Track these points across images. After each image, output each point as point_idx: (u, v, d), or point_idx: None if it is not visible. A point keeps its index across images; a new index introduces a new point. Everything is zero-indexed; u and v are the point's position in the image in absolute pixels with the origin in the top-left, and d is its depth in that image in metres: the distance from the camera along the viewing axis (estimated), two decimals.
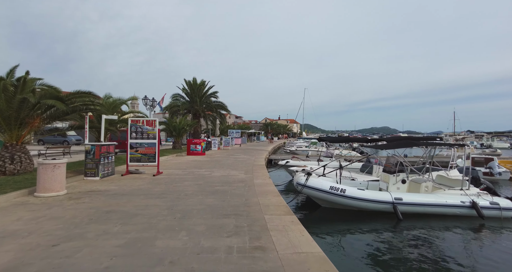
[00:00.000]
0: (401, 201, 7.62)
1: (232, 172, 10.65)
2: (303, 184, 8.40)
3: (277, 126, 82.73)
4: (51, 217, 4.62)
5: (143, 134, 9.83)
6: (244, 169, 11.45)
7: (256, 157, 17.58)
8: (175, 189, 7.27)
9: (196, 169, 11.49)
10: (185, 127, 21.68)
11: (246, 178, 9.21)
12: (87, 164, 8.40)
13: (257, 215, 4.95)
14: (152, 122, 9.86)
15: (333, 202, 8.29)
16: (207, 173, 10.20)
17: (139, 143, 9.81)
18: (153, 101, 18.69)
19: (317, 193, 8.31)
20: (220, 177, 9.38)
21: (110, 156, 9.14)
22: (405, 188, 8.40)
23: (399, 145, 8.40)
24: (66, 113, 8.15)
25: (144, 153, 9.82)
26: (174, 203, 5.74)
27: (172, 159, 15.82)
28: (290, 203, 9.40)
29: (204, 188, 7.37)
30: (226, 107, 27.72)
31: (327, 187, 8.17)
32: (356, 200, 7.88)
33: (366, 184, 9.62)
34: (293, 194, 11.40)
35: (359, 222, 8.02)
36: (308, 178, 8.46)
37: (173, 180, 8.70)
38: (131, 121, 9.83)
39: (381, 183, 9.02)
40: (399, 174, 8.46)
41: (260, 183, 8.18)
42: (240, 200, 6.03)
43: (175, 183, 8.08)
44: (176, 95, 26.67)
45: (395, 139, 11.07)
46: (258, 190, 7.14)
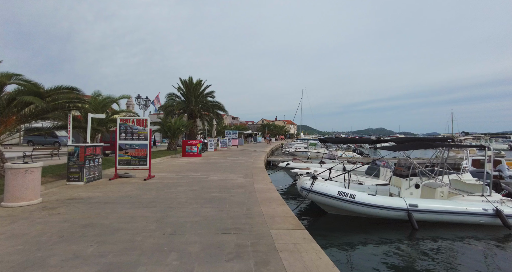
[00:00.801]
0: (417, 208, 6.93)
1: (230, 175, 9.89)
2: (308, 189, 7.68)
3: (274, 127, 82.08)
4: (11, 234, 3.81)
5: (133, 134, 9.03)
6: (243, 172, 10.70)
7: (255, 159, 16.83)
8: (167, 196, 6.49)
9: (191, 172, 10.70)
10: (181, 128, 20.86)
11: (245, 182, 8.46)
12: (70, 168, 7.58)
13: (261, 229, 4.21)
14: (143, 121, 9.07)
15: (341, 209, 7.58)
16: (203, 177, 9.42)
17: (129, 144, 9.01)
18: (147, 100, 17.88)
19: (324, 199, 7.59)
20: (217, 181, 8.62)
21: (96, 159, 8.33)
22: (418, 193, 7.72)
23: (412, 147, 7.73)
24: (46, 111, 7.34)
25: (135, 155, 9.01)
26: (165, 214, 4.97)
27: (166, 161, 15.00)
28: (294, 210, 8.68)
29: (199, 195, 6.60)
30: (223, 107, 26.94)
31: (335, 192, 7.46)
32: (367, 206, 7.18)
33: (375, 189, 8.93)
34: (295, 198, 10.67)
35: (370, 231, 7.32)
36: (314, 182, 7.74)
37: (165, 185, 7.92)
38: (120, 120, 9.02)
39: (392, 188, 8.34)
40: (412, 178, 7.78)
41: (261, 189, 7.43)
42: (240, 210, 5.28)
43: (167, 189, 7.29)
44: (172, 94, 25.84)
45: (405, 140, 10.41)
46: (260, 197, 6.39)
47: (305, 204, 9.90)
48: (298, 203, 9.94)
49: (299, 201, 10.44)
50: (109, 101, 11.51)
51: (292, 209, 8.96)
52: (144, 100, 17.86)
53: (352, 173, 11.81)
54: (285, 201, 6.90)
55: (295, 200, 10.60)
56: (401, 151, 8.81)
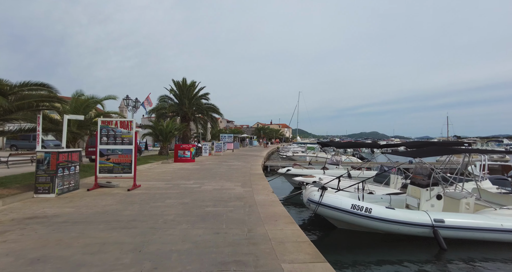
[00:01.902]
0: (443, 223, 6.00)
1: (226, 184, 8.86)
2: (317, 202, 6.70)
3: (269, 131, 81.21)
4: None
5: (116, 138, 7.95)
6: (240, 180, 9.68)
7: (252, 164, 15.83)
8: (152, 211, 5.43)
9: (182, 180, 9.63)
10: (173, 131, 19.75)
11: (244, 193, 7.44)
12: (39, 178, 6.47)
13: (270, 263, 3.21)
14: (127, 123, 8.01)
15: (354, 224, 6.62)
16: (196, 186, 8.37)
17: (111, 150, 7.92)
18: (136, 102, 16.77)
19: (335, 213, 6.62)
20: (212, 192, 7.58)
21: (73, 167, 7.22)
22: (440, 205, 6.81)
23: (433, 153, 6.84)
24: (10, 111, 6.24)
25: (118, 162, 7.93)
26: (146, 239, 3.93)
27: (157, 167, 13.88)
28: (302, 228, 7.69)
29: (190, 210, 5.56)
30: (218, 109, 25.92)
31: (348, 206, 6.50)
32: (386, 222, 6.22)
33: (388, 199, 8.00)
34: (296, 205, 9.67)
35: (387, 249, 6.37)
36: (323, 194, 6.77)
37: (151, 197, 6.85)
38: (102, 122, 7.95)
39: (409, 199, 7.41)
40: (433, 188, 6.87)
41: (263, 201, 6.43)
42: (241, 232, 4.27)
43: (153, 202, 6.23)
44: (164, 96, 24.75)
45: (419, 144, 9.54)
46: (263, 213, 5.39)
47: (309, 214, 8.91)
48: (303, 215, 8.96)
49: (301, 210, 9.46)
50: (92, 102, 10.42)
51: (296, 220, 8.00)
52: (134, 101, 16.76)
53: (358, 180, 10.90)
54: (285, 207, 5.94)
55: (296, 208, 9.60)
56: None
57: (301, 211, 9.42)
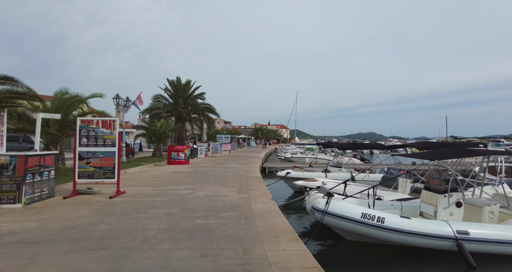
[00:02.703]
0: (468, 236, 5.25)
1: (220, 189, 8.05)
2: (323, 211, 5.92)
3: (267, 132, 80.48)
4: None
5: (97, 139, 7.13)
6: (236, 185, 8.88)
7: (249, 166, 15.04)
8: (131, 225, 4.63)
9: (173, 185, 8.81)
10: (167, 132, 18.90)
11: (240, 200, 6.65)
12: (2, 186, 5.62)
13: None
14: (110, 123, 7.19)
15: (365, 235, 5.85)
16: (186, 193, 7.56)
17: (92, 152, 7.10)
18: (127, 101, 15.96)
19: (343, 223, 5.85)
20: (204, 199, 6.78)
21: (46, 172, 6.39)
22: (460, 214, 6.06)
23: (453, 155, 6.09)
24: None
25: (99, 166, 7.10)
26: (116, 265, 3.13)
27: (148, 170, 13.04)
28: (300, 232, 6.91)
29: (177, 223, 4.76)
30: (214, 110, 25.12)
31: (357, 215, 5.73)
32: (401, 233, 5.46)
33: (399, 206, 7.25)
34: (298, 214, 8.88)
35: (404, 264, 5.61)
36: (330, 201, 6.00)
37: (135, 206, 6.03)
38: (81, 122, 7.12)
39: (423, 206, 6.65)
40: (452, 194, 6.12)
41: (261, 211, 5.64)
42: (234, 254, 3.47)
43: (135, 213, 5.42)
44: (158, 96, 23.91)
45: (434, 145, 8.80)
46: (261, 226, 4.60)
47: (311, 221, 8.13)
48: (305, 222, 8.18)
49: (302, 215, 8.67)
50: (76, 101, 9.59)
51: (298, 228, 7.22)
52: (125, 100, 15.94)
53: (363, 185, 10.15)
54: (285, 214, 5.16)
55: (296, 214, 8.81)
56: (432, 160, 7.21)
57: (302, 217, 8.64)
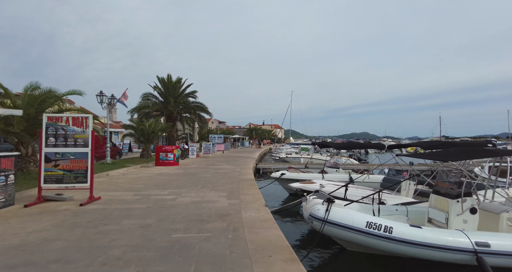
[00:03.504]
0: (489, 248, 4.60)
1: (209, 194, 7.28)
2: (323, 219, 5.21)
3: (261, 131, 79.76)
4: None
5: (67, 138, 6.29)
6: (226, 188, 8.12)
7: (242, 168, 14.28)
8: (94, 242, 3.84)
9: (156, 189, 7.99)
10: (156, 131, 18.01)
11: (229, 207, 5.89)
12: None
13: None
14: (82, 120, 6.36)
15: (371, 247, 5.17)
16: (170, 199, 6.77)
17: (60, 154, 6.26)
18: (112, 98, 15.05)
19: (346, 234, 5.15)
20: (189, 206, 6.00)
21: (3, 176, 5.53)
22: (475, 221, 5.42)
23: (467, 155, 5.44)
24: None
25: (69, 168, 6.26)
26: None
27: (133, 172, 12.17)
28: (296, 243, 6.18)
29: (151, 238, 3.99)
30: (206, 108, 24.28)
31: (362, 224, 5.04)
32: (412, 245, 4.79)
33: (405, 211, 6.59)
34: (291, 217, 8.15)
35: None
36: (330, 208, 5.29)
37: (107, 215, 5.23)
38: (48, 119, 6.27)
39: (432, 211, 6.00)
40: (466, 199, 5.47)
41: (253, 220, 4.90)
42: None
43: (104, 225, 4.62)
44: (148, 94, 22.95)
45: (435, 144, 8.19)
46: (251, 241, 3.86)
47: (307, 227, 7.43)
48: (300, 228, 7.46)
49: (297, 219, 7.95)
50: (50, 97, 8.67)
51: (293, 236, 6.50)
52: (109, 98, 15.02)
53: (355, 185, 9.51)
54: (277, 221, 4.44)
55: (290, 217, 8.07)
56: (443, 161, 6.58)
57: (298, 223, 7.91)
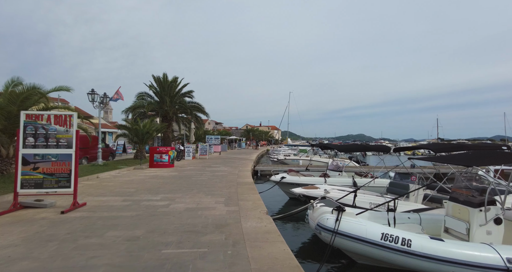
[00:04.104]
0: None
1: (205, 200, 6.71)
2: (333, 230, 4.67)
3: (258, 133, 79.18)
4: None
5: (48, 139, 5.68)
6: (224, 193, 7.54)
7: (240, 170, 13.71)
8: (68, 260, 3.25)
9: (148, 194, 7.39)
10: (151, 132, 17.36)
11: (227, 215, 5.32)
12: None
13: None
14: (65, 118, 5.75)
15: (386, 262, 4.63)
16: (162, 205, 6.18)
17: (40, 155, 5.64)
18: (105, 97, 14.40)
19: (359, 246, 4.62)
20: (183, 214, 5.42)
21: None
22: (500, 233, 4.92)
23: (496, 160, 4.95)
24: None
25: (50, 172, 5.65)
26: None
27: (125, 175, 11.53)
28: (301, 255, 5.62)
29: (137, 255, 3.41)
30: (203, 108, 23.67)
31: (376, 236, 4.51)
32: (433, 261, 4.26)
33: (418, 219, 6.08)
34: (293, 223, 7.58)
35: None
36: (340, 218, 4.75)
37: (90, 225, 4.63)
38: (27, 116, 5.65)
39: (450, 220, 5.48)
40: (489, 208, 4.97)
41: (254, 231, 4.34)
42: None
43: (85, 237, 4.03)
44: (143, 94, 22.27)
45: (453, 147, 7.70)
46: (254, 259, 3.30)
47: (310, 236, 6.89)
48: (304, 234, 6.90)
49: (300, 228, 7.40)
50: (33, 93, 8.00)
51: (295, 243, 5.94)
52: (102, 96, 14.36)
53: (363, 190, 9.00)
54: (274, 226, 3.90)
55: (291, 223, 7.50)
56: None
57: (301, 231, 7.35)
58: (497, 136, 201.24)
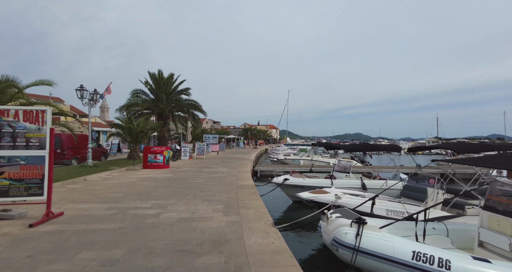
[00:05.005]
0: None
1: (201, 207, 5.90)
2: (353, 247, 3.89)
3: (256, 132, 78.30)
4: None
5: (16, 138, 4.85)
6: (223, 199, 6.74)
7: (239, 171, 12.91)
8: None
9: (138, 200, 6.56)
10: (145, 131, 16.49)
11: (227, 228, 4.52)
12: None
13: None
14: (37, 114, 4.91)
15: None
16: (152, 213, 5.36)
17: (6, 158, 4.80)
18: (95, 94, 13.52)
19: (385, 267, 3.84)
20: (174, 226, 4.62)
21: None
22: None
23: None
24: None
25: (18, 177, 4.81)
26: None
27: (116, 177, 10.68)
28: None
29: None
30: (200, 107, 22.79)
31: (406, 255, 3.74)
32: None
33: (444, 229, 5.31)
34: (306, 239, 6.76)
35: None
36: (362, 232, 3.98)
37: (60, 243, 3.81)
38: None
39: (486, 233, 4.72)
40: None
41: (260, 251, 3.55)
42: None
43: (48, 262, 3.21)
44: (138, 91, 21.36)
45: (475, 147, 6.94)
46: None
47: (315, 240, 6.12)
48: (313, 248, 6.11)
49: (308, 239, 6.62)
50: (6, 86, 7.10)
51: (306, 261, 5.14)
52: (92, 93, 13.48)
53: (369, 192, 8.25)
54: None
55: (300, 237, 6.71)
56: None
57: (308, 238, 6.56)
58: (493, 135, 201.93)
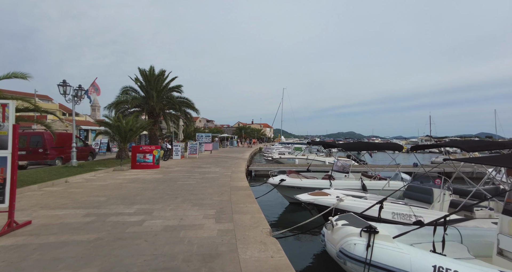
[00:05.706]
0: None
1: (190, 213, 5.32)
2: (364, 261, 3.39)
3: (250, 130, 77.72)
4: None
5: None
6: (215, 202, 6.17)
7: (233, 171, 12.34)
8: None
9: (121, 204, 5.94)
10: (134, 129, 15.76)
11: (219, 238, 3.96)
12: None
13: None
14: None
15: None
16: (135, 221, 4.76)
17: None
18: (80, 90, 12.75)
19: None
20: (159, 236, 4.03)
21: None
22: None
23: None
24: None
25: None
26: None
27: (101, 178, 9.99)
28: None
29: None
30: (193, 104, 22.10)
31: (426, 270, 3.25)
32: None
33: (457, 236, 4.87)
34: (300, 241, 6.23)
35: None
36: (373, 242, 3.47)
37: (16, 262, 3.20)
38: None
39: (505, 240, 4.28)
40: None
41: (259, 269, 3.00)
42: None
43: None
44: (127, 88, 20.54)
45: (485, 144, 6.52)
46: None
47: (317, 246, 5.62)
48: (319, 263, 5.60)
49: (303, 241, 6.11)
50: None
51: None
52: (76, 89, 12.70)
53: (377, 194, 7.83)
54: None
55: (293, 239, 6.19)
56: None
57: (308, 244, 6.06)
58: (481, 133, 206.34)
